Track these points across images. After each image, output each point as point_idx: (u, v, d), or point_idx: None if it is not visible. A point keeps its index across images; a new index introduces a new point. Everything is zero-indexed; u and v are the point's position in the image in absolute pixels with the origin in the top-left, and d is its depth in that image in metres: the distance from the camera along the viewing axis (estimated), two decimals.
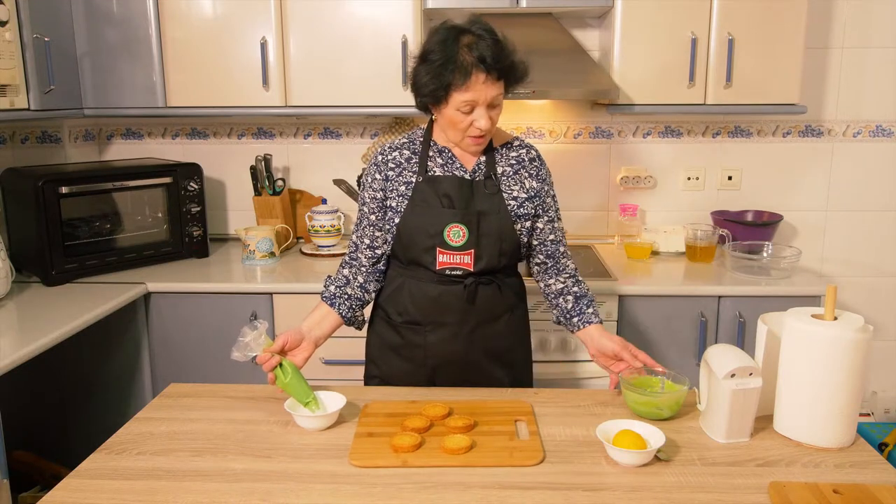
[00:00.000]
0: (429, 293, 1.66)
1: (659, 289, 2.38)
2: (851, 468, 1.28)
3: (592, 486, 1.22)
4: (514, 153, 1.70)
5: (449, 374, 1.70)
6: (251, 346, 1.50)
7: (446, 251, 1.63)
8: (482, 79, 1.51)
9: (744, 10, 2.49)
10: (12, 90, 2.21)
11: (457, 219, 1.62)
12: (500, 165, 1.68)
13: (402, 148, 1.71)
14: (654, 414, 1.43)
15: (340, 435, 1.41)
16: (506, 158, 1.69)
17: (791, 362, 1.35)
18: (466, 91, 1.52)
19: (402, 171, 1.68)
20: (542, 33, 2.64)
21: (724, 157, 2.94)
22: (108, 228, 2.53)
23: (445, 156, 1.68)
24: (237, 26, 2.54)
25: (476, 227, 1.62)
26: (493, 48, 1.51)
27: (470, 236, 1.62)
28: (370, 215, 1.71)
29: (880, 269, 3.00)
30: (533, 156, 1.72)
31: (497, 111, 1.59)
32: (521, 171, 1.69)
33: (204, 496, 1.20)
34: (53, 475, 2.28)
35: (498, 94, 1.56)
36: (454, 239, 1.62)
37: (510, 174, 1.68)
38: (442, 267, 1.64)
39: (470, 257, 1.63)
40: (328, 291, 1.72)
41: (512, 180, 1.67)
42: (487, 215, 1.63)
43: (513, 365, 1.75)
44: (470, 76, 1.50)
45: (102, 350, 2.45)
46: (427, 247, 1.63)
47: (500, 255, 1.65)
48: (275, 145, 2.99)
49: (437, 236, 1.62)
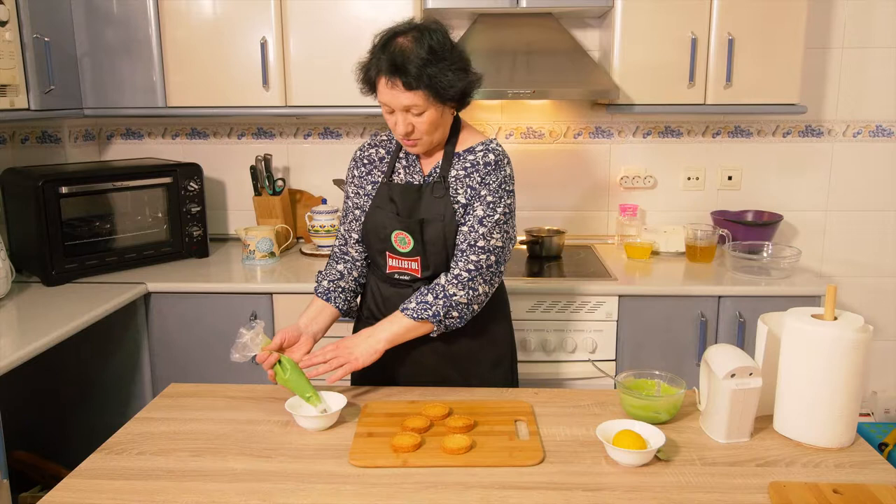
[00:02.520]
0: (383, 293, 1.70)
1: (659, 289, 2.38)
2: (851, 468, 1.28)
3: (592, 486, 1.22)
4: (472, 157, 1.63)
5: (416, 374, 1.69)
6: (249, 346, 1.51)
7: (395, 256, 1.66)
8: (389, 85, 1.51)
9: (744, 10, 2.49)
10: (12, 90, 2.21)
11: (401, 226, 1.62)
12: (454, 169, 1.63)
13: (379, 146, 1.73)
14: (651, 418, 1.42)
15: (340, 435, 1.41)
16: (462, 162, 1.63)
17: (791, 362, 1.35)
18: (379, 92, 1.55)
19: (372, 170, 1.70)
20: (542, 33, 2.64)
21: (724, 157, 2.94)
22: (108, 228, 2.53)
23: (411, 159, 1.68)
24: (237, 26, 2.54)
25: (420, 234, 1.61)
26: (402, 55, 1.48)
27: (415, 244, 1.62)
28: (354, 209, 1.73)
29: (880, 269, 3.00)
30: (489, 160, 1.61)
31: (424, 119, 1.53)
32: (474, 174, 1.61)
33: (204, 496, 1.20)
34: (53, 475, 2.28)
35: (412, 104, 1.50)
36: (401, 245, 1.64)
37: (462, 177, 1.62)
38: (392, 271, 1.67)
39: (417, 263, 1.64)
40: (321, 286, 1.73)
41: (462, 183, 1.61)
42: (431, 223, 1.60)
43: (478, 366, 1.72)
44: (378, 81, 1.53)
45: (102, 350, 2.45)
46: (379, 249, 1.67)
47: (447, 262, 1.63)
48: (275, 145, 2.99)
49: (386, 241, 1.65)
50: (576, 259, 2.71)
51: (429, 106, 1.52)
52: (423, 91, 1.49)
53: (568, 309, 2.37)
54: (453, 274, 1.58)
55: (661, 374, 1.52)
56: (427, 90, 1.49)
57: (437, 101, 1.52)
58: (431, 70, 1.48)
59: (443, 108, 1.55)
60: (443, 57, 1.50)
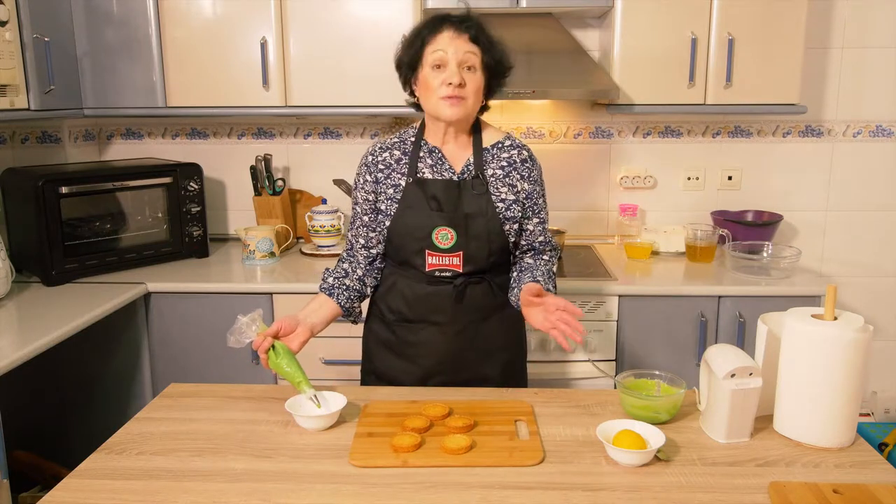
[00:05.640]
0: (419, 292, 1.68)
1: (659, 289, 2.38)
2: (851, 468, 1.28)
3: (592, 486, 1.22)
4: (506, 154, 1.69)
5: (441, 371, 1.71)
6: (245, 331, 1.51)
7: (435, 253, 1.65)
8: (450, 34, 1.58)
9: (744, 10, 2.49)
10: (12, 90, 2.21)
11: (444, 222, 1.63)
12: (490, 167, 1.67)
13: (392, 148, 1.72)
14: (651, 418, 1.42)
15: (340, 435, 1.41)
16: (497, 160, 1.68)
17: (791, 362, 1.35)
18: (435, 43, 1.58)
19: (391, 174, 1.69)
20: (542, 33, 2.64)
21: (724, 157, 2.94)
22: (108, 228, 2.53)
23: (435, 156, 1.68)
24: (237, 26, 2.54)
25: (464, 229, 1.63)
26: (470, 18, 1.60)
27: (458, 238, 1.63)
28: (363, 216, 1.73)
29: (880, 269, 3.00)
30: (525, 156, 1.71)
31: (473, 77, 1.59)
32: (513, 172, 1.68)
33: (204, 496, 1.20)
34: (53, 475, 2.28)
35: (470, 53, 1.58)
36: (442, 242, 1.64)
37: (500, 176, 1.67)
38: (431, 269, 1.66)
39: (459, 259, 1.64)
40: (326, 283, 1.74)
41: (501, 182, 1.67)
42: (475, 217, 1.63)
43: (504, 363, 1.75)
44: (438, 30, 1.59)
45: (102, 350, 2.45)
46: (416, 249, 1.66)
47: (488, 256, 1.65)
48: (275, 145, 2.99)
49: (425, 239, 1.64)
50: (576, 259, 2.71)
51: (479, 67, 1.60)
52: (481, 49, 1.59)
53: None
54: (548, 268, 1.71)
55: (661, 374, 1.52)
56: (482, 48, 1.60)
57: (485, 64, 1.60)
58: (489, 34, 1.62)
59: (484, 81, 1.62)
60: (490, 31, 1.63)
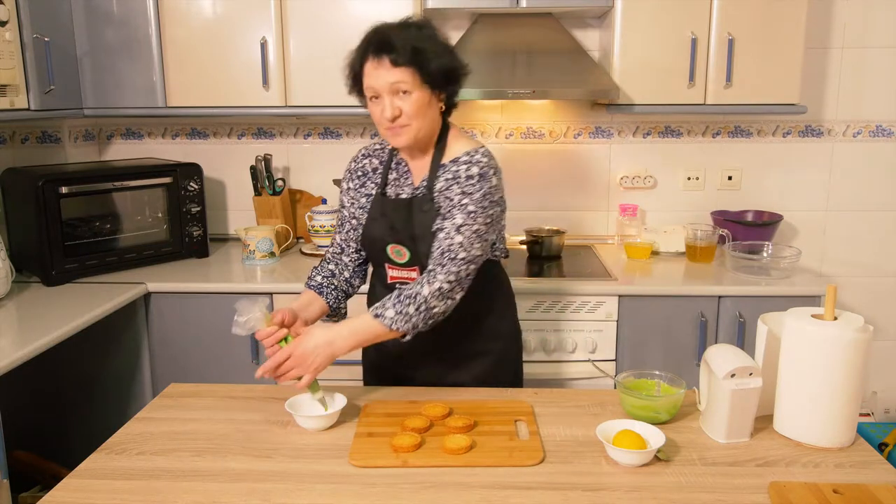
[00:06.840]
0: None
1: (659, 289, 2.38)
2: (851, 468, 1.28)
3: (592, 486, 1.22)
4: (456, 168, 1.57)
5: (426, 373, 1.70)
6: (252, 322, 1.49)
7: (394, 267, 1.66)
8: (373, 64, 1.50)
9: (744, 10, 2.49)
10: (12, 90, 2.21)
11: (394, 240, 1.63)
12: (439, 182, 1.59)
13: (372, 156, 1.73)
14: (651, 418, 1.42)
15: (340, 435, 1.41)
16: (446, 174, 1.58)
17: (791, 362, 1.35)
18: (365, 77, 1.53)
19: (366, 182, 1.71)
20: (542, 33, 2.64)
21: (724, 157, 2.94)
22: (109, 228, 2.53)
23: (401, 169, 1.68)
24: (237, 26, 2.54)
25: (414, 247, 1.61)
26: (387, 35, 1.50)
27: (411, 255, 1.62)
28: (351, 220, 1.73)
29: (880, 269, 3.00)
30: (473, 173, 1.55)
31: (411, 100, 1.50)
32: (454, 186, 1.56)
33: (204, 496, 1.20)
34: (53, 475, 2.28)
35: (399, 81, 1.48)
36: (397, 257, 1.65)
37: (443, 189, 1.57)
38: (392, 280, 1.68)
39: (416, 273, 1.64)
40: (314, 281, 1.73)
41: (444, 196, 1.57)
42: (423, 238, 1.59)
43: (484, 363, 1.72)
44: (364, 60, 1.52)
45: (102, 350, 2.45)
46: (380, 260, 1.68)
47: None
48: (275, 145, 2.99)
49: (382, 252, 1.66)
50: (576, 259, 2.71)
51: (416, 87, 1.50)
52: (409, 68, 1.49)
53: (568, 309, 2.37)
54: (435, 287, 1.50)
55: (661, 374, 1.52)
56: (413, 67, 1.49)
57: (423, 81, 1.51)
58: (418, 45, 1.49)
59: (430, 95, 1.53)
60: (428, 36, 1.53)
